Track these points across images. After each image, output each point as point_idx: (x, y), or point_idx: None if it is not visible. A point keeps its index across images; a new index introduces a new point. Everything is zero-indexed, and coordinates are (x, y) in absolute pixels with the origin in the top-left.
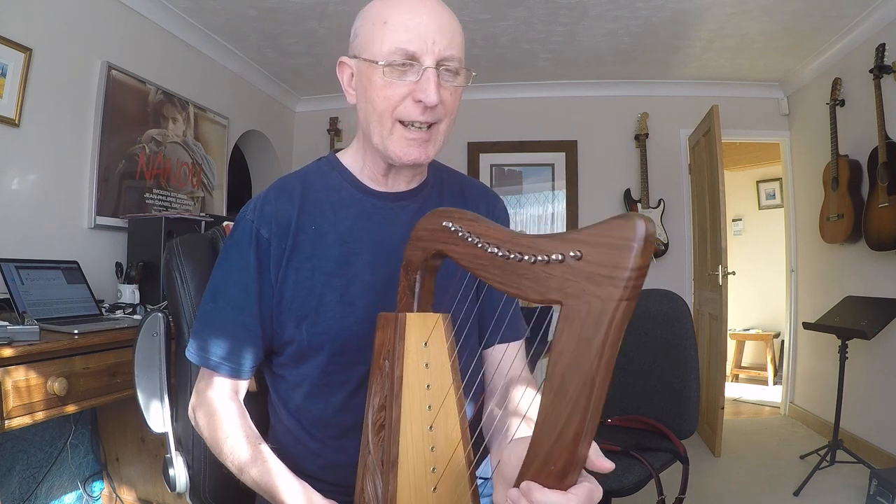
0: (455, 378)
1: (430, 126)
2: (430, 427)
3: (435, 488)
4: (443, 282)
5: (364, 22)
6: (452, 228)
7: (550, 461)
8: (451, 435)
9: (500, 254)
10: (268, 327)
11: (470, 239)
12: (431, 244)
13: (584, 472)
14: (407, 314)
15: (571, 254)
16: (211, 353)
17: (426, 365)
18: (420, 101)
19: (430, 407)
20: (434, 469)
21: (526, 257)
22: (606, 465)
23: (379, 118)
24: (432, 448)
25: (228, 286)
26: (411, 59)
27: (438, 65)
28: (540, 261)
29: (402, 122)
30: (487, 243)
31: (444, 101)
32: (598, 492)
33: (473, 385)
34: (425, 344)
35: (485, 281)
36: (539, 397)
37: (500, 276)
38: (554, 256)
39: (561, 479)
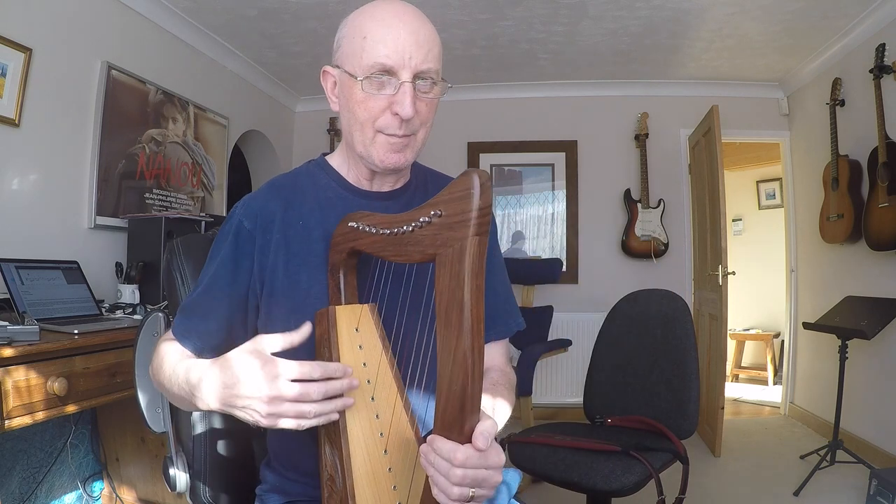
0: (387, 355)
1: (408, 136)
2: (372, 398)
3: (386, 450)
4: (421, 280)
5: (346, 34)
6: (357, 227)
7: (453, 382)
8: (392, 402)
9: (389, 232)
10: (239, 313)
11: (368, 229)
12: (346, 245)
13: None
14: (336, 307)
15: (433, 212)
16: (185, 330)
17: (360, 347)
18: (397, 114)
19: (368, 381)
20: (382, 434)
21: (405, 227)
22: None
23: (361, 128)
24: (377, 416)
25: (206, 275)
26: (389, 74)
27: (415, 78)
28: (416, 226)
29: (382, 132)
30: (380, 229)
31: (419, 112)
32: (498, 456)
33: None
34: (356, 329)
35: (385, 258)
36: (504, 391)
37: (394, 251)
38: (423, 219)
39: (463, 396)
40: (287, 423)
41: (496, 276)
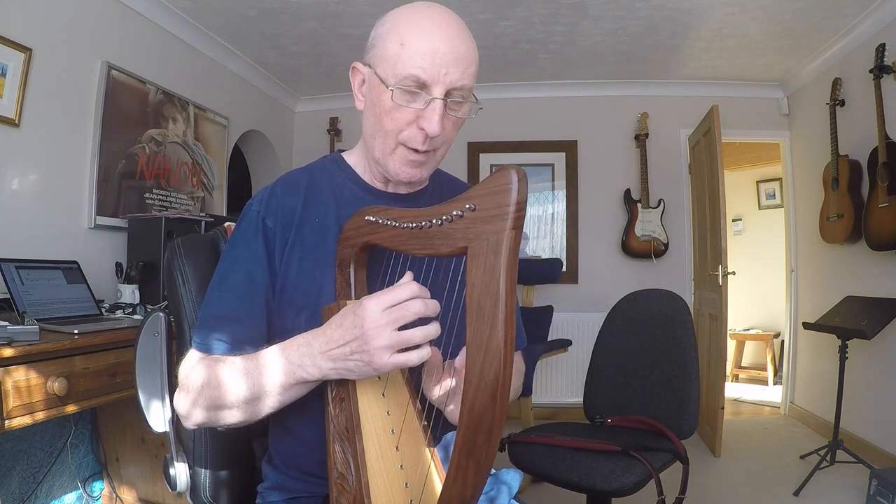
0: None
1: (429, 152)
2: (383, 394)
3: (397, 447)
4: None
5: (382, 34)
6: (376, 220)
7: (485, 373)
8: (403, 399)
9: (414, 225)
10: (269, 316)
11: (389, 223)
12: (359, 239)
13: None
14: (346, 301)
15: (468, 206)
16: (214, 338)
17: None
18: (423, 129)
19: (379, 377)
20: (393, 430)
21: (434, 221)
22: None
23: (384, 137)
24: (388, 412)
25: (233, 276)
26: (421, 87)
27: (447, 95)
28: (445, 220)
29: (404, 144)
30: (403, 222)
31: (444, 129)
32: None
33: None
34: None
35: (407, 253)
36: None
37: (418, 244)
38: (455, 213)
39: (495, 386)
40: (398, 359)
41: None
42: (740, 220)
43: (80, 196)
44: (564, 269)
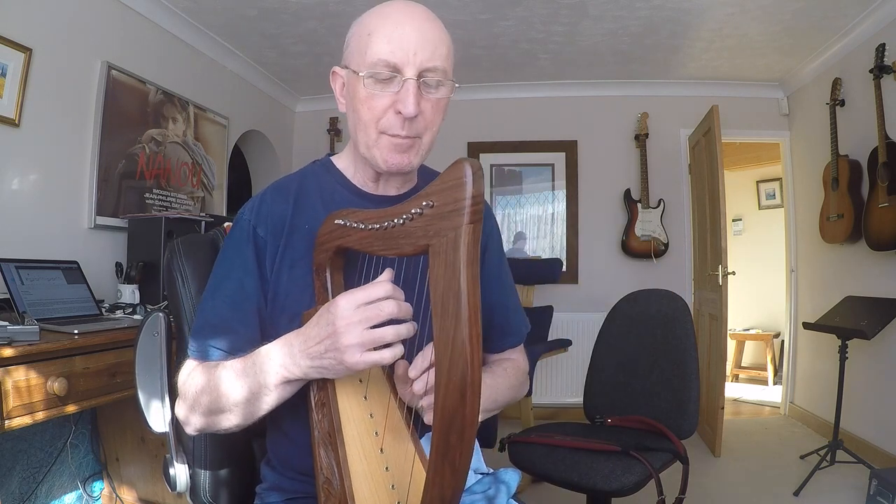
0: None
1: (412, 138)
2: (365, 397)
3: (382, 449)
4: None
5: (353, 33)
6: (344, 223)
7: (452, 372)
8: (385, 400)
9: (379, 226)
10: (263, 324)
11: (356, 225)
12: (331, 243)
13: None
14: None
15: (425, 203)
16: (210, 346)
17: None
18: (400, 113)
19: (360, 380)
20: (377, 433)
21: (396, 220)
22: None
23: (364, 128)
24: (371, 415)
25: (226, 284)
26: (393, 71)
27: (420, 76)
28: (406, 219)
29: (385, 133)
30: (369, 224)
31: (424, 113)
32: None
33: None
34: None
35: (374, 254)
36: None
37: (383, 245)
38: (415, 211)
39: (463, 385)
40: (370, 357)
41: (507, 290)
42: (740, 220)
43: (80, 196)
44: (564, 269)
